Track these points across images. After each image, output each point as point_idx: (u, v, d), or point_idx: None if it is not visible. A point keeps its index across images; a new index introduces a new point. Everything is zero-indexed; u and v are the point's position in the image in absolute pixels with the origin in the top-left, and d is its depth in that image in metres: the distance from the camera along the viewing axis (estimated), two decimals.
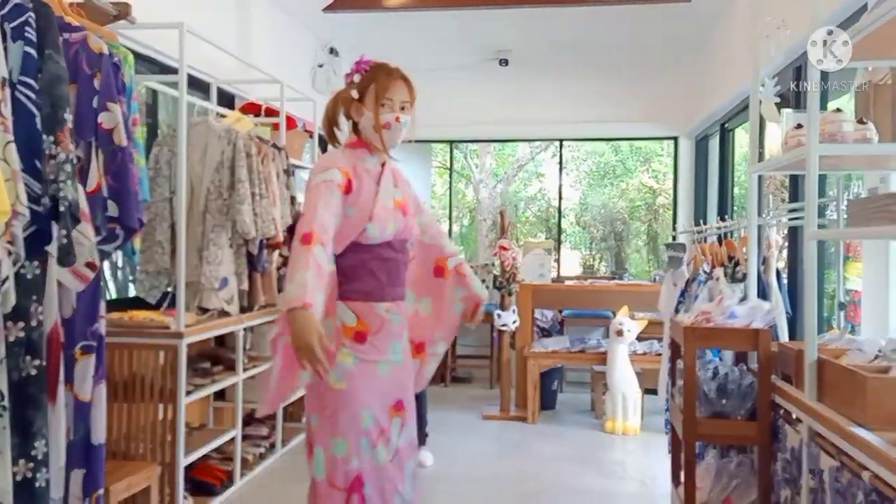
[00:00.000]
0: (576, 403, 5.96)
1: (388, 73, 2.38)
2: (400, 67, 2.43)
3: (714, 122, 5.87)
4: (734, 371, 2.30)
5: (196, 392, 3.50)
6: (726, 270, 2.84)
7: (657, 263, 8.05)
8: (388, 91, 2.33)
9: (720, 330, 2.25)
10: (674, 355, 2.59)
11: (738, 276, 2.80)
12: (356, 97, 2.37)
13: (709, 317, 2.30)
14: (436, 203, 11.06)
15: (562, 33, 6.36)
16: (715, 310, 2.30)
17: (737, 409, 2.27)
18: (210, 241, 3.78)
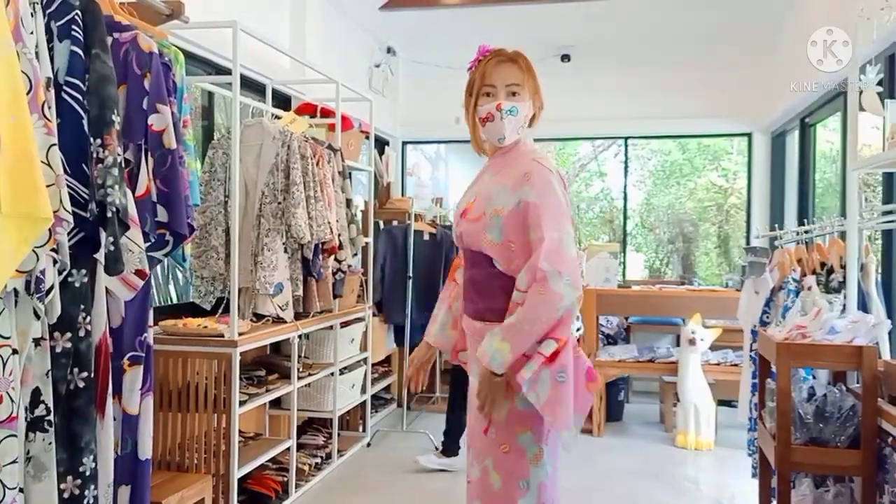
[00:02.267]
0: (644, 415, 5.69)
1: (495, 55, 2.11)
2: (518, 50, 2.12)
3: (793, 116, 5.52)
4: (833, 392, 2.06)
5: (250, 402, 3.40)
6: (819, 279, 2.58)
7: (729, 267, 7.68)
8: (489, 77, 2.06)
9: (819, 346, 2.01)
10: (762, 373, 2.35)
11: (833, 285, 2.54)
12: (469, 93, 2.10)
13: (805, 331, 2.06)
14: None
15: (626, 26, 6.09)
16: (812, 324, 2.06)
17: (836, 435, 2.03)
18: (265, 245, 3.68)
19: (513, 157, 2.04)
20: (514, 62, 2.08)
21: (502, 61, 2.07)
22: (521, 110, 2.03)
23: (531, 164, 1.98)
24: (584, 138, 7.51)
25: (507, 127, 2.02)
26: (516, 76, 2.05)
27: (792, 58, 5.47)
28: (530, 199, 1.92)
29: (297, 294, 3.87)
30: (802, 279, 2.62)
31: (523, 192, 1.94)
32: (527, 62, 2.09)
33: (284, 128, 3.76)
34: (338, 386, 4.33)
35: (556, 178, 1.97)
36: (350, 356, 4.59)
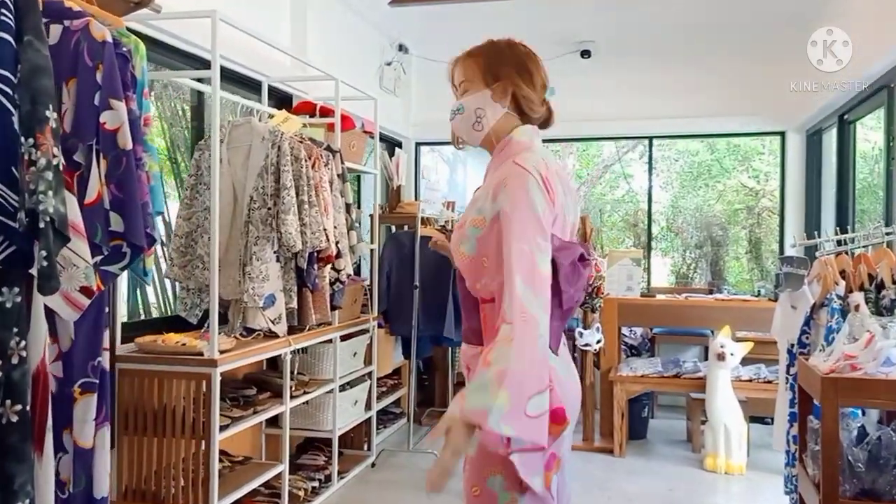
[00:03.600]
0: (669, 432, 5.33)
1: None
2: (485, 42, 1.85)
3: (831, 113, 5.13)
4: (889, 434, 1.73)
5: (233, 426, 3.12)
6: (868, 296, 2.24)
7: (761, 274, 7.27)
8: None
9: (871, 382, 1.67)
10: (803, 408, 2.02)
11: (884, 304, 2.20)
12: None
13: (854, 362, 1.73)
14: None
15: (649, 19, 5.74)
16: (863, 354, 1.73)
17: (893, 486, 1.69)
18: (254, 254, 3.40)
19: (500, 158, 1.74)
20: (468, 56, 1.83)
21: (457, 61, 1.86)
22: (469, 105, 1.78)
23: (510, 168, 1.66)
24: (606, 138, 7.14)
25: (459, 127, 1.82)
26: (463, 72, 1.82)
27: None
28: (504, 207, 1.61)
29: (290, 306, 3.59)
30: (848, 296, 2.28)
31: (500, 201, 1.63)
32: (482, 48, 1.82)
33: (275, 128, 3.48)
34: (338, 403, 4.05)
35: (535, 180, 1.63)
36: (352, 371, 4.30)
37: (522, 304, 1.51)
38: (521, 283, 1.52)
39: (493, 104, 1.76)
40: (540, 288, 1.54)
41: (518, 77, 1.76)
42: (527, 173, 1.63)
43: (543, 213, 1.61)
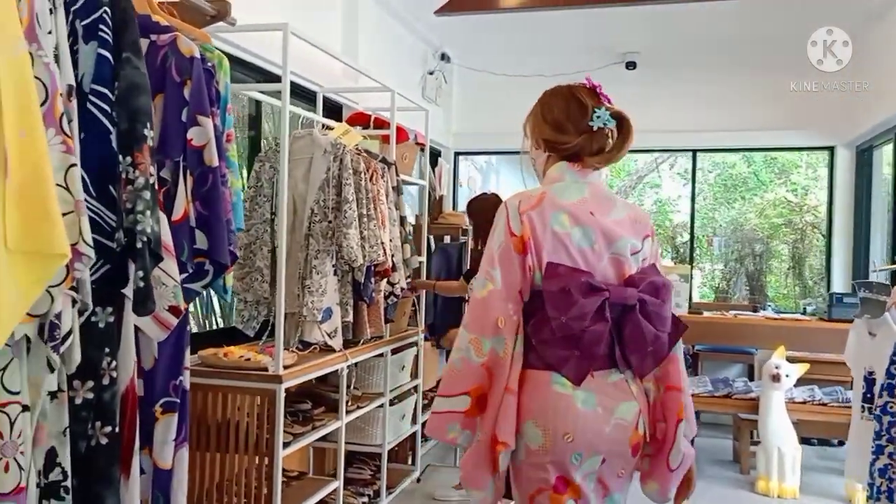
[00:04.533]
0: (714, 451, 5.24)
1: None
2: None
3: (887, 129, 5.04)
4: None
5: (295, 442, 3.08)
6: None
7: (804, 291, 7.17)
8: None
9: None
10: None
11: None
12: None
13: None
14: None
15: (697, 31, 5.68)
16: None
17: None
18: (314, 268, 3.37)
19: None
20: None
21: None
22: (526, 156, 2.04)
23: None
24: (650, 150, 7.07)
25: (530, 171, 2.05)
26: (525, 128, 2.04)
27: (885, 66, 5.01)
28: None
29: (346, 320, 3.55)
30: None
31: None
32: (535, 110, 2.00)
33: (336, 140, 3.45)
34: (388, 418, 4.01)
35: (507, 214, 1.83)
36: (400, 384, 4.26)
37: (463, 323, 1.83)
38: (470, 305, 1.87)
39: (537, 152, 1.97)
40: (470, 308, 1.84)
41: (542, 121, 1.94)
42: (504, 209, 1.85)
43: (501, 244, 1.80)
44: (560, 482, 1.71)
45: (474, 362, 1.75)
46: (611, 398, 1.75)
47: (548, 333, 1.74)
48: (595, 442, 1.72)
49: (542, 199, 1.83)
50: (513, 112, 6.38)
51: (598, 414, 1.73)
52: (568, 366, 1.73)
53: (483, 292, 1.78)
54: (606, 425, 1.73)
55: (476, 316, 1.78)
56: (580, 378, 1.73)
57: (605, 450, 1.73)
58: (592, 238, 1.80)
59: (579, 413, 1.71)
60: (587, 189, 1.88)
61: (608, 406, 1.74)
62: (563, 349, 1.73)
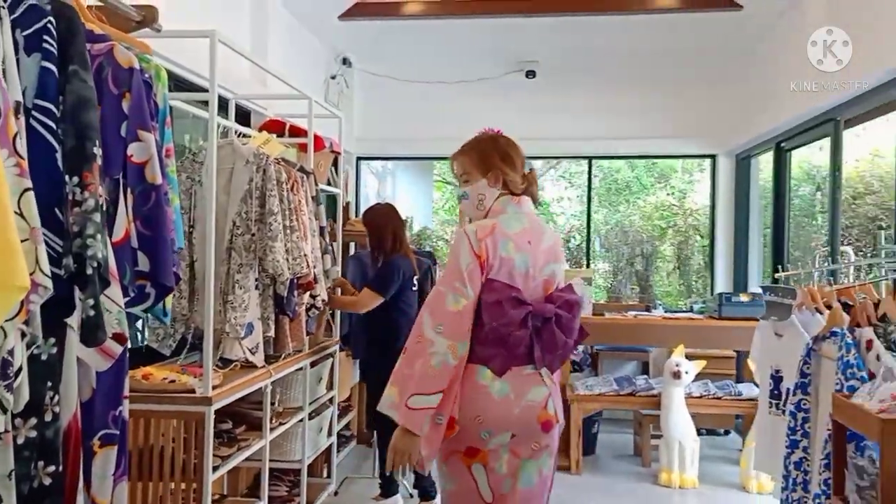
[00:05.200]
0: (616, 446, 5.48)
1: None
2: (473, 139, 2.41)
3: (765, 140, 5.44)
4: None
5: (224, 465, 2.97)
6: (877, 331, 2.39)
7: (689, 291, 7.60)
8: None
9: None
10: (839, 444, 2.13)
11: (893, 338, 2.36)
12: None
13: None
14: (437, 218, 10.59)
15: (593, 44, 5.91)
16: None
17: None
18: (236, 282, 3.26)
19: None
20: (462, 153, 2.37)
21: (455, 156, 2.41)
22: (472, 192, 2.33)
23: (459, 230, 2.28)
24: (548, 157, 7.28)
25: (466, 208, 2.39)
26: (461, 166, 2.35)
27: (765, 82, 5.41)
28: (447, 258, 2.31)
29: (268, 335, 3.46)
30: (855, 331, 2.43)
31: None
32: (472, 145, 2.37)
33: (258, 150, 3.35)
34: (307, 432, 3.93)
35: (469, 239, 2.18)
36: (318, 397, 4.19)
37: (421, 328, 2.14)
38: (426, 313, 2.16)
39: (490, 188, 2.31)
40: (442, 317, 2.13)
41: (504, 164, 2.29)
42: (465, 235, 2.20)
43: (467, 265, 2.16)
44: (469, 450, 2.17)
45: (451, 364, 2.11)
46: (523, 386, 2.18)
47: (482, 335, 2.17)
48: (503, 421, 2.15)
49: (494, 228, 2.22)
50: (415, 118, 6.51)
51: (510, 399, 2.16)
52: (494, 361, 2.17)
53: (458, 306, 2.13)
54: (516, 408, 2.16)
55: (454, 325, 2.12)
56: (503, 371, 2.17)
57: (514, 427, 2.16)
58: (528, 263, 2.24)
59: (490, 399, 2.15)
60: (526, 220, 2.30)
61: (520, 392, 2.18)
62: (493, 348, 2.17)
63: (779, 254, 5.29)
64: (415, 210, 8.71)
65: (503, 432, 2.16)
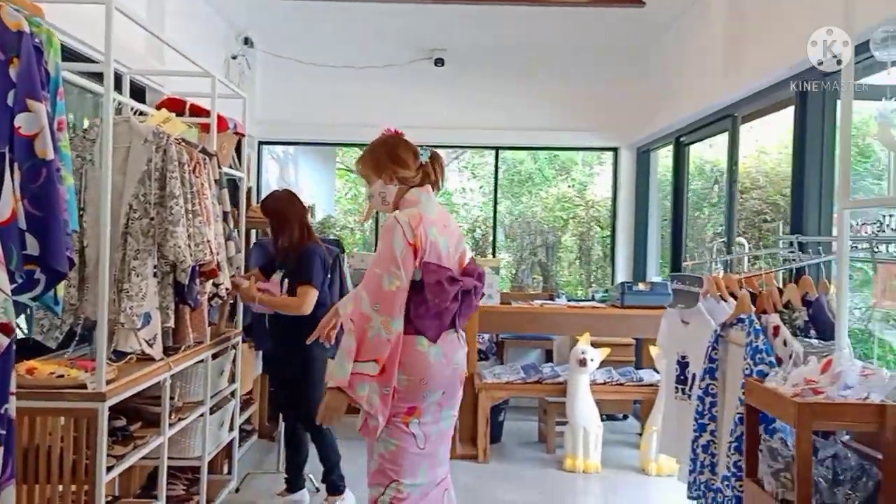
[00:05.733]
0: (520, 434, 5.53)
1: None
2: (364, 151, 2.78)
3: (666, 134, 5.60)
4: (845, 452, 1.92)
5: (119, 465, 2.78)
6: (783, 317, 2.48)
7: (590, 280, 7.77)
8: None
9: (843, 406, 1.85)
10: (751, 427, 2.18)
11: (798, 324, 2.45)
12: None
13: (816, 387, 1.91)
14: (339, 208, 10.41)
15: (501, 34, 5.93)
16: (823, 378, 1.91)
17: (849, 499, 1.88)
18: (132, 269, 3.05)
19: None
20: (360, 161, 2.76)
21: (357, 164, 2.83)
22: (374, 191, 2.70)
23: (390, 219, 2.55)
24: (455, 146, 7.24)
25: (375, 205, 2.76)
26: (362, 171, 2.75)
27: (667, 79, 5.57)
28: (379, 245, 2.56)
29: (167, 325, 3.26)
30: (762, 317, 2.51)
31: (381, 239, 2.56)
32: (367, 151, 2.74)
33: (158, 128, 3.14)
34: (207, 427, 3.74)
35: (402, 228, 2.49)
36: (219, 390, 4.00)
37: (360, 306, 2.44)
38: (364, 293, 2.46)
39: (388, 186, 2.67)
40: (380, 298, 2.43)
41: (393, 164, 2.65)
42: (397, 224, 2.50)
43: (401, 251, 2.47)
44: (410, 409, 2.52)
45: (383, 337, 2.42)
46: (451, 350, 2.60)
47: (423, 310, 2.52)
48: (439, 381, 2.55)
49: (421, 217, 2.55)
50: (320, 103, 6.33)
51: (443, 363, 2.56)
52: (430, 331, 2.53)
53: (392, 287, 2.45)
54: (447, 369, 2.57)
55: (388, 303, 2.44)
56: (437, 337, 2.54)
57: (446, 385, 2.58)
58: (448, 244, 2.61)
59: (430, 364, 2.52)
60: (436, 206, 2.68)
61: (449, 356, 2.58)
62: (431, 320, 2.54)
63: (677, 245, 5.46)
64: (317, 198, 8.50)
65: (438, 390, 2.56)
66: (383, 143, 2.71)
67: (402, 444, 2.53)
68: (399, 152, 2.67)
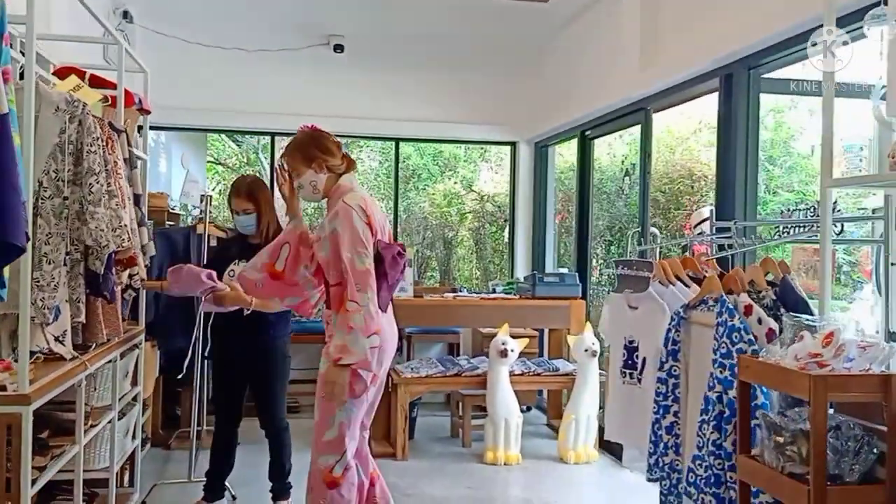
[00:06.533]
0: (432, 429, 5.42)
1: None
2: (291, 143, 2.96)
3: (569, 129, 5.69)
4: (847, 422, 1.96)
5: (41, 478, 2.42)
6: (751, 297, 2.53)
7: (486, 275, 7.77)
8: None
9: (855, 378, 1.88)
10: (744, 404, 2.19)
11: (766, 303, 2.50)
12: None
13: (821, 360, 1.94)
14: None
15: (402, 23, 5.78)
16: (826, 351, 1.95)
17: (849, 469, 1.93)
18: (43, 256, 2.66)
19: (335, 198, 2.84)
20: (287, 153, 2.94)
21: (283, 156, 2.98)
22: (305, 182, 2.88)
23: (341, 205, 2.75)
24: (353, 136, 7.01)
25: (306, 195, 2.94)
26: (291, 163, 2.90)
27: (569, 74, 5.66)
28: (338, 229, 2.70)
29: (77, 320, 2.89)
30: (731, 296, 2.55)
31: (334, 224, 2.72)
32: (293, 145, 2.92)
33: (71, 96, 2.77)
34: (116, 435, 3.36)
35: (356, 212, 2.72)
36: (124, 394, 3.61)
37: (354, 289, 2.64)
38: (351, 276, 2.65)
39: (318, 175, 2.86)
40: (359, 278, 2.65)
41: (322, 154, 2.85)
42: (350, 208, 2.72)
43: (363, 232, 2.70)
44: (372, 378, 2.77)
45: (372, 310, 2.66)
46: (391, 319, 2.90)
47: (381, 284, 2.75)
48: (389, 350, 2.86)
49: (365, 199, 2.82)
50: (209, 85, 5.92)
51: (392, 332, 2.89)
52: (384, 302, 2.78)
53: (364, 265, 2.68)
54: (393, 336, 2.90)
55: (365, 280, 2.67)
56: (386, 308, 2.83)
57: (392, 351, 2.90)
58: (384, 223, 2.89)
59: (385, 331, 2.78)
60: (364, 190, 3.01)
61: (393, 325, 2.91)
62: (385, 292, 2.79)
63: (583, 236, 5.56)
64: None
65: (388, 359, 2.87)
66: (309, 136, 2.90)
67: (359, 412, 2.81)
68: (325, 143, 2.88)
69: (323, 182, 2.85)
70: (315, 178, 2.85)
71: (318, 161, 2.84)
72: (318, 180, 2.85)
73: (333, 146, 2.89)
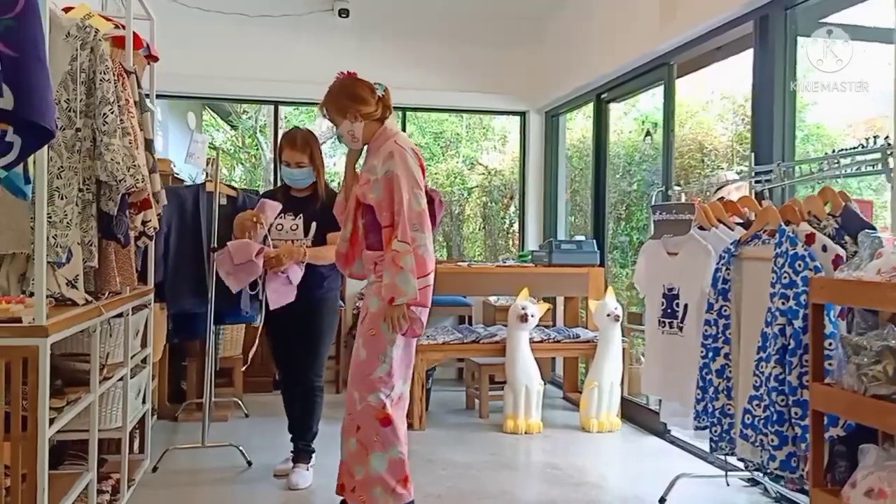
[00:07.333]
0: (446, 401, 5.27)
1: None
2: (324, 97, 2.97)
3: (583, 93, 5.54)
4: None
5: (60, 419, 2.25)
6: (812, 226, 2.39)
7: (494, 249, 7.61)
8: None
9: None
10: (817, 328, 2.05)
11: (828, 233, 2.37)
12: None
13: None
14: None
15: None
16: None
17: None
18: (56, 190, 2.50)
19: (380, 142, 2.85)
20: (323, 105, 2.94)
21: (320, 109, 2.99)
22: (343, 131, 2.90)
23: (393, 146, 2.78)
24: None
25: (347, 143, 2.93)
26: (328, 114, 2.93)
27: (584, 34, 5.51)
28: (395, 171, 2.71)
29: (90, 265, 2.71)
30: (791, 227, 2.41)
31: (389, 166, 2.73)
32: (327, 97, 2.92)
33: (83, 21, 2.60)
34: (129, 393, 3.20)
35: (407, 153, 2.77)
36: (135, 353, 3.44)
37: (407, 229, 2.66)
38: (406, 217, 2.66)
39: (354, 124, 2.86)
40: (416, 218, 2.69)
41: (355, 103, 2.86)
42: (404, 149, 2.78)
43: (417, 174, 2.76)
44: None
45: (430, 250, 2.73)
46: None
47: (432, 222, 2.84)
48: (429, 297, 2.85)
49: (410, 142, 2.90)
50: (208, 52, 5.73)
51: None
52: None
53: (421, 206, 2.73)
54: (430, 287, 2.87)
55: (422, 221, 2.71)
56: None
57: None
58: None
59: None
60: None
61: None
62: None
63: (599, 204, 5.42)
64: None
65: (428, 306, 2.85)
66: (340, 85, 2.92)
67: (410, 349, 2.86)
68: (357, 91, 2.88)
69: (360, 129, 2.86)
70: (352, 127, 2.85)
71: (353, 111, 2.84)
72: (356, 129, 2.86)
73: (367, 93, 2.88)
